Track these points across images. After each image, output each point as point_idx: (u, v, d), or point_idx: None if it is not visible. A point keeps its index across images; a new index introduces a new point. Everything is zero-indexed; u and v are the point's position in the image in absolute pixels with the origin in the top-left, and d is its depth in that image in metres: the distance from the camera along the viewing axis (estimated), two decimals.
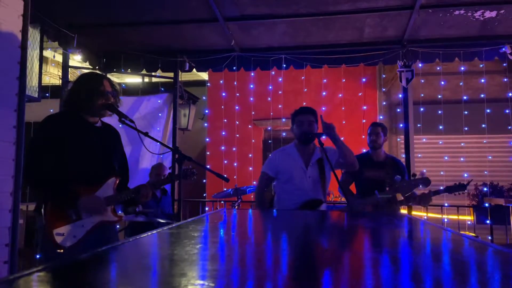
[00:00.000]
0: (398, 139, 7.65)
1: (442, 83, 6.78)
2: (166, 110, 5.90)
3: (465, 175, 6.83)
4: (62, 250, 2.11)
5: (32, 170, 2.18)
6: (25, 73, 3.05)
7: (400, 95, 5.47)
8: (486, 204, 5.55)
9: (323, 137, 2.91)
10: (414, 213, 4.62)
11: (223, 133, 7.71)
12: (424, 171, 3.42)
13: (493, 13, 4.11)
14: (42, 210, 2.16)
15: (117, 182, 2.35)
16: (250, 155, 7.68)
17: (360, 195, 3.60)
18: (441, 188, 3.57)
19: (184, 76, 6.26)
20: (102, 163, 2.32)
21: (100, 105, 2.30)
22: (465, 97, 6.66)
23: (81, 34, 4.55)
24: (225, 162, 7.66)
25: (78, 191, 2.18)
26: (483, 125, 6.86)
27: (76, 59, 5.76)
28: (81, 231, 2.18)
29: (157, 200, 4.46)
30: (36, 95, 3.79)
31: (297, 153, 3.05)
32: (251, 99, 7.33)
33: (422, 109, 6.90)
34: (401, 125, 5.52)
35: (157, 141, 2.57)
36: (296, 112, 3.11)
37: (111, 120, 2.50)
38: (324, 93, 7.48)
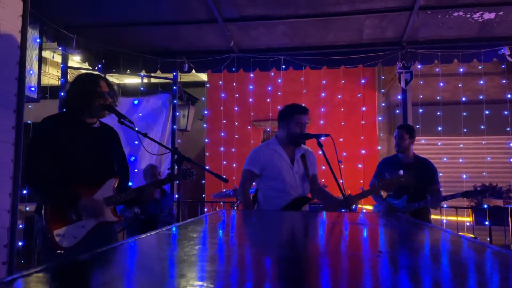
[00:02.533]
0: None
1: (441, 84, 6.79)
2: (165, 111, 5.89)
3: (464, 176, 6.84)
4: (62, 251, 2.10)
5: (31, 172, 2.18)
6: (24, 73, 3.04)
7: (399, 96, 5.48)
8: (485, 206, 5.56)
9: (322, 138, 2.89)
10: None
11: (222, 134, 7.71)
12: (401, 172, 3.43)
13: (492, 15, 4.12)
14: (42, 211, 2.15)
15: (117, 182, 2.34)
16: None
17: (390, 196, 3.70)
18: (456, 193, 3.60)
19: (183, 77, 6.27)
20: (100, 164, 2.32)
21: (98, 106, 2.29)
22: (464, 99, 6.67)
23: (80, 35, 4.54)
24: (224, 163, 7.66)
25: (78, 192, 2.18)
26: (482, 127, 6.87)
27: (75, 60, 5.77)
28: (81, 231, 2.17)
29: (157, 201, 4.46)
30: (35, 95, 3.79)
31: (281, 149, 2.95)
32: (250, 100, 7.33)
33: (421, 110, 6.91)
34: None
35: (156, 142, 2.57)
36: (295, 109, 2.95)
37: (110, 120, 2.50)
38: (323, 94, 7.49)
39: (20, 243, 3.89)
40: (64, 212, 2.15)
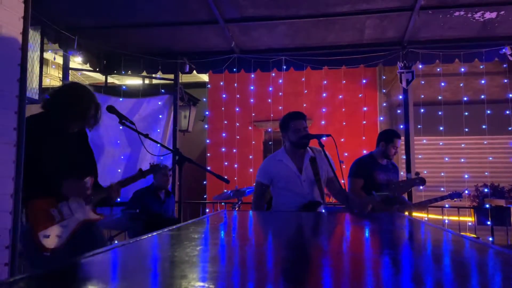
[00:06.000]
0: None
1: (442, 84, 6.78)
2: (166, 112, 5.89)
3: (466, 176, 6.83)
4: (48, 253, 2.11)
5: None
6: (25, 75, 3.04)
7: (400, 96, 5.47)
8: (487, 205, 5.54)
9: (324, 138, 2.90)
10: (415, 214, 4.62)
11: (224, 134, 7.72)
12: (406, 173, 3.54)
13: (493, 14, 4.11)
14: (24, 210, 2.16)
15: (92, 181, 2.39)
16: (250, 157, 7.68)
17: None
18: (438, 197, 3.69)
19: (184, 78, 6.26)
20: (76, 166, 2.34)
21: (75, 125, 2.36)
22: (465, 98, 6.65)
23: (81, 36, 4.55)
24: (226, 163, 7.66)
25: (59, 185, 2.20)
26: (484, 126, 6.86)
27: (76, 61, 5.78)
28: (66, 231, 2.19)
29: (161, 202, 4.44)
30: (36, 97, 3.80)
31: (288, 158, 3.00)
32: (252, 100, 7.34)
33: (422, 110, 6.90)
34: (401, 126, 5.52)
35: (157, 142, 2.57)
36: (290, 117, 3.03)
37: (111, 121, 2.50)
38: (324, 95, 7.48)
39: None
40: (47, 212, 2.17)
